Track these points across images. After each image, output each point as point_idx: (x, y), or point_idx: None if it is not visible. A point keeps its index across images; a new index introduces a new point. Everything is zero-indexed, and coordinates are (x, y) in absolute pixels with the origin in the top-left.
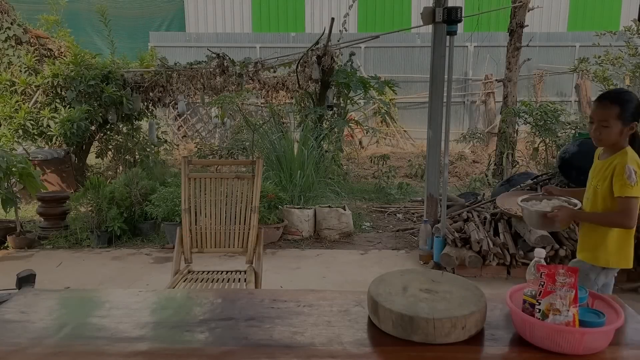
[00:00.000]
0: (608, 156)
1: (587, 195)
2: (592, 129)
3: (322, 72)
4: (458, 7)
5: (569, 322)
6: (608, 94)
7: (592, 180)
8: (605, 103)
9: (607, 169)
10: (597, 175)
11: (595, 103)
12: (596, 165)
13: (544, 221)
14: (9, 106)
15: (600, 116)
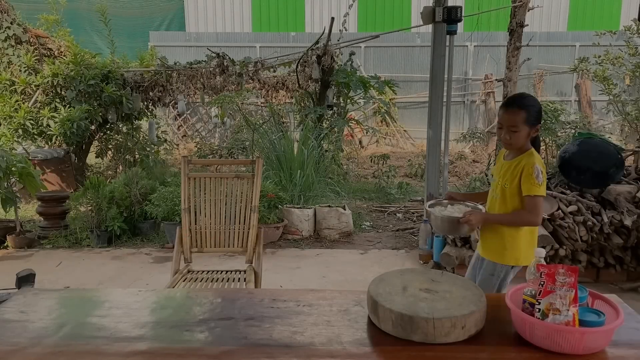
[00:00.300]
0: (514, 157)
1: (494, 194)
2: (502, 133)
3: (322, 72)
4: (458, 7)
5: (568, 321)
6: (514, 100)
7: (499, 180)
8: (512, 109)
9: (515, 169)
10: (505, 175)
11: (502, 109)
12: (502, 165)
13: (454, 226)
14: (9, 106)
15: (509, 122)
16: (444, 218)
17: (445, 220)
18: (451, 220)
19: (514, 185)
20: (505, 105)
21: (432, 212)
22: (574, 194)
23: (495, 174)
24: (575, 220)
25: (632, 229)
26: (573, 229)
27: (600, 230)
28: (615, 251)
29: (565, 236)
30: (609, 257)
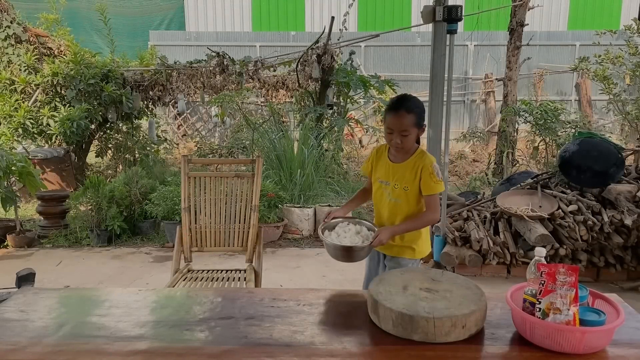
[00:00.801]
0: (405, 159)
1: (392, 197)
2: (392, 138)
3: (322, 71)
4: (458, 6)
5: (569, 321)
6: (401, 104)
7: (395, 183)
8: (401, 113)
9: (413, 170)
10: (403, 177)
11: (391, 114)
12: (393, 167)
13: (356, 254)
14: (9, 105)
15: (399, 126)
16: (344, 247)
17: (345, 250)
18: (359, 248)
19: (415, 185)
20: (394, 109)
21: (329, 240)
22: (574, 193)
23: (384, 177)
24: (576, 219)
25: (633, 228)
26: (573, 228)
27: (601, 229)
28: (615, 250)
29: (565, 235)
30: (609, 257)
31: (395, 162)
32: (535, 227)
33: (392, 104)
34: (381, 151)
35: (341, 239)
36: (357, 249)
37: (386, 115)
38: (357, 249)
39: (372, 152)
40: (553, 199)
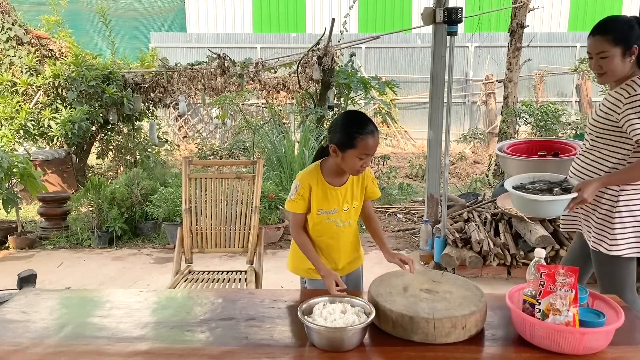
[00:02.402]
0: (345, 179)
1: (345, 220)
2: (363, 165)
3: (323, 73)
4: (458, 8)
5: (569, 322)
6: (370, 124)
7: (345, 205)
8: (376, 136)
9: (358, 184)
10: (352, 196)
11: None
12: (337, 191)
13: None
14: (10, 107)
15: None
16: (556, 201)
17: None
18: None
19: (362, 198)
20: (373, 133)
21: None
22: None
23: (328, 206)
24: None
25: None
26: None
27: None
28: None
29: (565, 236)
30: None
31: (338, 185)
32: (535, 229)
33: (362, 123)
34: (314, 180)
35: (335, 324)
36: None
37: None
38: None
39: (302, 186)
40: None
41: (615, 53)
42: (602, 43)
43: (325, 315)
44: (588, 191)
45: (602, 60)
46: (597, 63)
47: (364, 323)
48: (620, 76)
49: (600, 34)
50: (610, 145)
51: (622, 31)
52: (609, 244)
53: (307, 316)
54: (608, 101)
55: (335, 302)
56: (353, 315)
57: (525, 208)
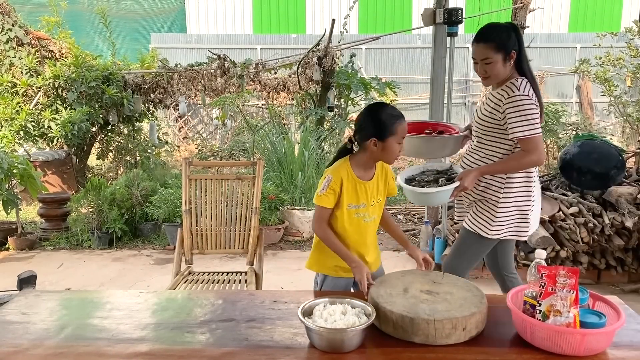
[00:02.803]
0: (372, 174)
1: (372, 215)
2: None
3: (323, 74)
4: (459, 9)
5: (569, 323)
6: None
7: (372, 200)
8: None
9: (382, 179)
10: (377, 191)
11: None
12: (365, 185)
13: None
14: (10, 108)
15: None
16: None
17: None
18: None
19: (385, 194)
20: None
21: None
22: (574, 195)
23: (357, 201)
24: (576, 221)
25: (633, 230)
26: (574, 230)
27: (602, 231)
28: (616, 253)
29: (566, 238)
30: (610, 259)
31: (366, 179)
32: (536, 229)
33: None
34: (345, 174)
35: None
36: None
37: None
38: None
39: (335, 180)
40: (554, 201)
41: (498, 59)
42: (486, 50)
43: (325, 317)
44: (468, 179)
45: (487, 65)
46: (482, 68)
47: (364, 324)
48: (502, 79)
49: (484, 41)
50: (495, 142)
51: (503, 38)
52: (490, 228)
53: (307, 317)
54: (491, 101)
55: (335, 303)
56: (353, 316)
57: (417, 199)
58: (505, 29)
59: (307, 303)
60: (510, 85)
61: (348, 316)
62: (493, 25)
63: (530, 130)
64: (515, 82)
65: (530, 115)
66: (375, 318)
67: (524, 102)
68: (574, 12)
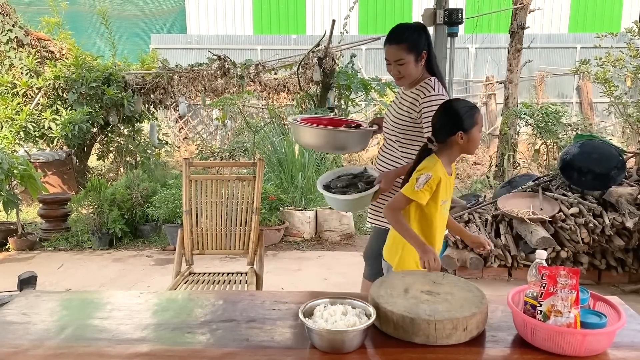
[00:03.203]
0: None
1: (448, 209)
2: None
3: (323, 74)
4: (459, 9)
5: (570, 323)
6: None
7: (450, 195)
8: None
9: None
10: (452, 187)
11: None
12: (450, 180)
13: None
14: (11, 108)
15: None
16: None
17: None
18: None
19: None
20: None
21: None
22: (575, 195)
23: (447, 196)
24: (577, 222)
25: (634, 230)
26: (574, 230)
27: (602, 232)
28: (616, 253)
29: (566, 238)
30: (610, 259)
31: (450, 174)
32: (536, 230)
33: None
34: (442, 171)
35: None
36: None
37: None
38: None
39: (434, 178)
40: (554, 202)
41: (410, 59)
42: (399, 51)
43: (326, 317)
44: (387, 181)
45: (400, 66)
46: (396, 69)
47: (364, 325)
48: (415, 79)
49: (397, 42)
50: (411, 141)
51: (414, 39)
52: None
53: (308, 318)
54: (406, 101)
55: (336, 303)
56: (354, 316)
57: (339, 206)
58: (416, 30)
59: (308, 303)
60: (425, 85)
61: (349, 317)
62: (404, 25)
63: None
64: (429, 81)
65: None
66: (376, 318)
67: (439, 102)
68: (574, 13)
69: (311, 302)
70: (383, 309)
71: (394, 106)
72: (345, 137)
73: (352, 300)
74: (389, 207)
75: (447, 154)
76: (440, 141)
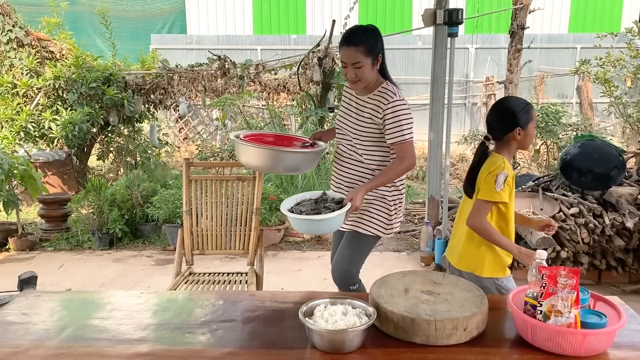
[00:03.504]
0: None
1: None
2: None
3: (323, 74)
4: (459, 9)
5: (570, 323)
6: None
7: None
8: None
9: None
10: None
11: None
12: None
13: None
14: (11, 108)
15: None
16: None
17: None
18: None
19: None
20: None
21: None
22: (575, 196)
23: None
24: (577, 222)
25: (634, 231)
26: (575, 231)
27: (602, 232)
28: (617, 253)
29: (566, 238)
30: (610, 259)
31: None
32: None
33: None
34: (509, 166)
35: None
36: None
37: None
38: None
39: (510, 175)
40: (554, 202)
41: (368, 62)
42: (357, 54)
43: (326, 317)
44: (358, 199)
45: (357, 69)
46: (353, 72)
47: (365, 325)
48: (371, 82)
49: (355, 44)
50: (375, 148)
51: (372, 42)
52: (387, 227)
53: (308, 318)
54: (367, 107)
55: (336, 303)
56: (354, 316)
57: (309, 228)
58: (372, 33)
59: (308, 303)
60: (385, 91)
61: (349, 317)
62: (360, 28)
63: (406, 135)
64: (388, 87)
65: (407, 120)
66: (376, 318)
67: (402, 108)
68: (574, 13)
69: (311, 302)
70: (383, 309)
71: (350, 114)
72: (299, 157)
73: (352, 300)
74: (473, 218)
75: (507, 150)
76: (498, 139)
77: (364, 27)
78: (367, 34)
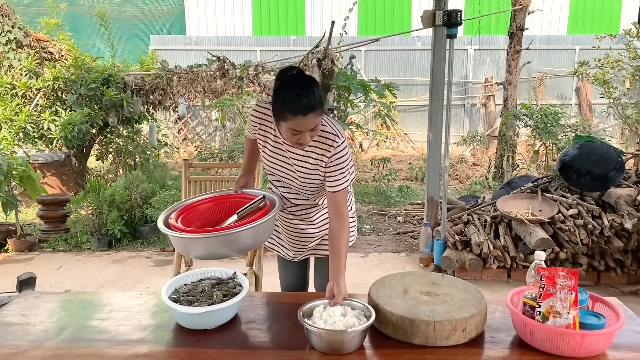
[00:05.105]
0: None
1: None
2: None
3: (323, 75)
4: (458, 10)
5: (569, 324)
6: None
7: None
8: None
9: None
10: None
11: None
12: None
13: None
14: (10, 109)
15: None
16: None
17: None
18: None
19: None
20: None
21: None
22: (574, 197)
23: None
24: (576, 223)
25: (633, 232)
26: (573, 232)
27: (601, 233)
28: (615, 254)
29: (565, 239)
30: (609, 260)
31: None
32: (535, 231)
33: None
34: None
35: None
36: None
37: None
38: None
39: None
40: (553, 203)
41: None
42: (317, 118)
43: (325, 318)
44: (343, 289)
45: (313, 132)
46: (308, 136)
47: (364, 326)
48: None
49: (313, 110)
50: (313, 198)
51: (321, 95)
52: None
53: (307, 319)
54: (311, 158)
55: (335, 304)
56: (353, 317)
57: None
58: (317, 84)
59: (307, 304)
60: (327, 135)
61: (348, 317)
62: (308, 85)
63: (349, 181)
64: (326, 128)
65: (350, 164)
66: (375, 319)
67: (346, 152)
68: (573, 14)
69: (310, 303)
70: (382, 309)
71: (288, 161)
72: (247, 234)
73: (351, 301)
74: None
75: None
76: None
77: (309, 81)
78: (317, 88)
